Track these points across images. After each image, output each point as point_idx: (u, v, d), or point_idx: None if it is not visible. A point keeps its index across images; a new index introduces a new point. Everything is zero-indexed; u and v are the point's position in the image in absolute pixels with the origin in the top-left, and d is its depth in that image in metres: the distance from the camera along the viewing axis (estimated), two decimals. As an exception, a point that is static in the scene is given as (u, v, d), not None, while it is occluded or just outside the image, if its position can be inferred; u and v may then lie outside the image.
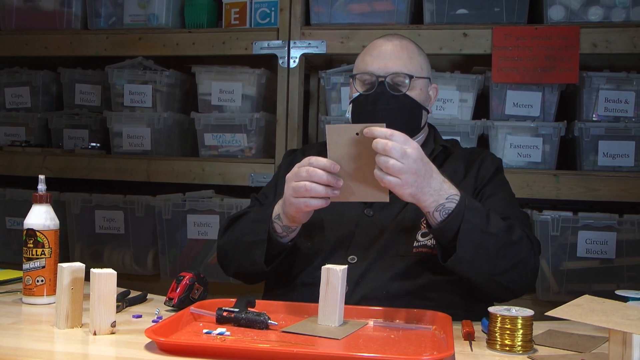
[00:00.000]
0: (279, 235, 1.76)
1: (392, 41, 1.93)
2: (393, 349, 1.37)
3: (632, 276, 2.55)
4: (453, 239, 1.60)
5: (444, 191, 1.59)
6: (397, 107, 1.86)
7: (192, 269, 2.75)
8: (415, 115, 1.90)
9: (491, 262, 1.61)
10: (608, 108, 2.61)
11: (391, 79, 1.87)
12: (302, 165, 1.62)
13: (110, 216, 2.97)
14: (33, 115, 3.16)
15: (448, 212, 1.59)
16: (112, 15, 3.03)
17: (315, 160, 1.60)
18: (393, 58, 1.88)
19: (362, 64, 1.93)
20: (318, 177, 1.59)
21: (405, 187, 1.53)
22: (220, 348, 1.33)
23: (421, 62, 1.93)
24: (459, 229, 1.58)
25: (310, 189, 1.59)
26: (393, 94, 1.86)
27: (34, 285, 1.73)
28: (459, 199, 1.60)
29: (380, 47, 1.92)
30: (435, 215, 1.60)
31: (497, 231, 1.62)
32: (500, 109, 2.69)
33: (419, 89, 1.90)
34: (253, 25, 2.93)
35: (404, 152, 1.50)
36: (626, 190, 2.54)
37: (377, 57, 1.89)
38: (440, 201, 1.58)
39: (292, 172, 1.65)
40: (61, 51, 3.04)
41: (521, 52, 2.60)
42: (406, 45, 1.93)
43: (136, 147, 2.99)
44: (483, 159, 1.94)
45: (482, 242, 1.60)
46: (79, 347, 1.41)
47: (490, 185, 1.87)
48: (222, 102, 2.93)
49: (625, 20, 2.57)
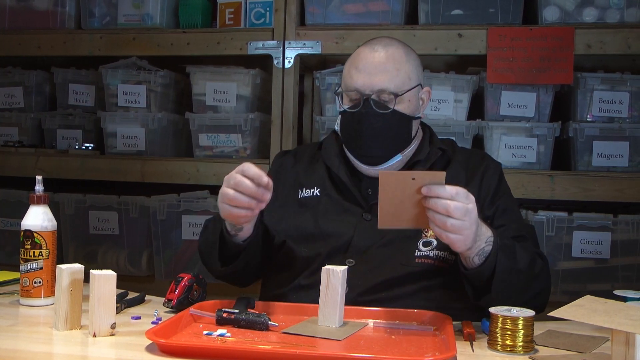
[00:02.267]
0: (230, 234, 1.73)
1: (378, 51, 1.82)
2: (395, 350, 1.37)
3: (626, 276, 2.56)
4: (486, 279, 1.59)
5: (483, 234, 1.56)
6: (383, 125, 1.80)
7: (186, 269, 2.76)
8: (404, 129, 1.84)
9: (517, 296, 1.60)
10: (602, 109, 2.63)
11: (377, 96, 1.79)
12: (236, 171, 1.59)
13: (104, 217, 2.96)
14: (26, 116, 3.14)
15: (486, 255, 1.57)
16: (106, 15, 3.01)
17: (247, 168, 1.57)
18: (379, 72, 1.79)
19: (349, 77, 1.84)
20: (244, 187, 1.56)
21: (466, 242, 1.51)
22: (222, 349, 1.33)
23: (409, 71, 1.83)
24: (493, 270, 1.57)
25: (234, 199, 1.57)
26: (379, 112, 1.79)
27: (31, 287, 1.72)
28: (493, 239, 1.58)
29: (366, 58, 1.82)
30: (475, 260, 1.57)
31: (524, 267, 1.63)
32: (495, 109, 2.70)
33: (407, 101, 1.82)
34: (248, 25, 2.92)
35: (466, 210, 1.46)
36: (620, 191, 2.55)
37: (362, 72, 1.80)
38: (481, 245, 1.56)
39: (227, 176, 1.61)
40: (55, 51, 3.03)
41: (516, 52, 2.61)
42: (392, 54, 1.82)
43: (130, 148, 2.98)
44: (486, 167, 1.90)
45: (511, 280, 1.60)
46: (79, 349, 1.40)
47: (501, 196, 1.86)
48: (216, 102, 2.92)
49: (619, 21, 2.59)
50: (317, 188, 1.91)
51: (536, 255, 1.73)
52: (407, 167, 1.88)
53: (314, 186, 1.91)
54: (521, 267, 1.62)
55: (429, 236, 1.76)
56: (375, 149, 1.82)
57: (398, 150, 1.84)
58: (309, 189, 1.91)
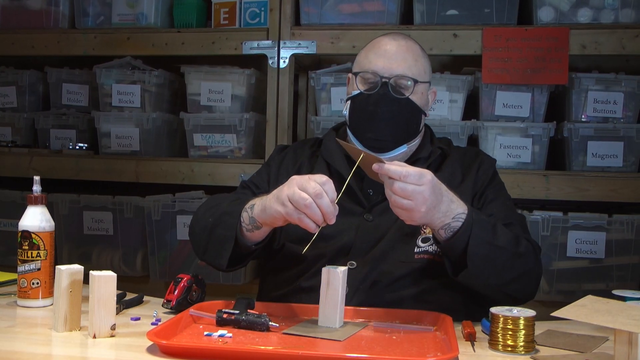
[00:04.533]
0: (245, 226, 1.69)
1: (398, 41, 1.88)
2: (397, 351, 1.37)
3: (621, 276, 2.57)
4: (461, 253, 1.61)
5: (451, 212, 1.59)
6: (398, 111, 1.83)
7: (181, 270, 2.76)
8: (415, 120, 1.88)
9: (499, 274, 1.63)
10: (597, 109, 2.63)
11: (395, 81, 1.83)
12: (315, 180, 1.53)
13: (98, 217, 2.95)
14: (19, 115, 3.12)
15: (454, 230, 1.60)
16: (100, 14, 3.00)
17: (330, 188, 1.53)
18: (398, 59, 1.84)
19: (366, 61, 1.87)
20: (322, 202, 1.51)
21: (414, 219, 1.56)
22: (224, 351, 1.33)
23: (424, 65, 1.90)
24: (467, 244, 1.59)
25: (310, 207, 1.50)
26: (396, 97, 1.83)
27: (29, 288, 1.71)
28: (466, 216, 1.60)
29: (386, 45, 1.87)
30: (441, 233, 1.61)
31: (505, 244, 1.64)
32: (490, 109, 2.70)
33: (420, 93, 1.87)
34: (243, 25, 2.91)
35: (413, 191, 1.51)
36: (615, 191, 2.56)
37: (382, 56, 1.84)
38: (446, 221, 1.59)
39: (302, 179, 1.54)
40: (48, 50, 3.01)
41: (511, 53, 2.62)
42: (411, 47, 1.88)
43: (125, 148, 2.97)
44: (480, 162, 1.93)
45: (490, 255, 1.61)
46: (79, 351, 1.40)
47: (490, 189, 1.88)
48: (211, 102, 2.91)
49: (614, 21, 2.59)
50: None
51: (521, 237, 1.72)
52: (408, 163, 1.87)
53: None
54: (501, 244, 1.63)
55: (427, 232, 1.77)
56: (385, 134, 1.84)
57: (406, 140, 1.87)
58: None
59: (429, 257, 1.76)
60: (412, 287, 1.74)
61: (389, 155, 1.85)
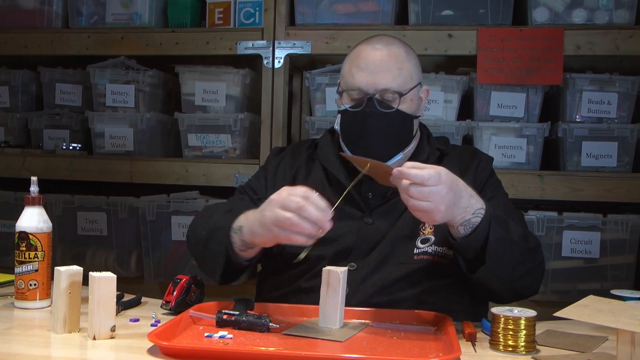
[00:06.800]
0: (237, 247, 1.66)
1: (380, 49, 1.81)
2: (398, 351, 1.37)
3: (615, 275, 2.58)
4: (478, 250, 1.59)
5: (471, 207, 1.56)
6: (388, 124, 1.79)
7: (176, 270, 2.75)
8: (407, 128, 1.84)
9: (513, 269, 1.62)
10: (591, 109, 2.64)
11: (380, 95, 1.78)
12: (294, 194, 1.50)
13: (92, 218, 2.94)
14: (12, 115, 3.11)
15: (473, 226, 1.56)
16: (94, 14, 2.98)
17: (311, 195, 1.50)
18: (381, 71, 1.78)
19: (350, 76, 1.82)
20: (308, 213, 1.47)
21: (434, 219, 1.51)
22: (226, 352, 1.32)
23: (411, 70, 1.83)
24: (485, 240, 1.57)
25: (297, 224, 1.47)
26: (383, 112, 1.78)
27: (26, 289, 1.70)
28: (485, 211, 1.58)
29: (367, 57, 1.80)
30: (460, 230, 1.57)
31: (517, 239, 1.63)
32: (485, 109, 2.71)
33: (409, 100, 1.82)
34: (237, 25, 2.91)
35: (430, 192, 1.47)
36: (609, 191, 2.57)
37: (364, 70, 1.78)
38: (466, 217, 1.56)
39: (280, 197, 1.51)
40: (41, 50, 2.99)
41: (506, 53, 2.62)
42: (394, 53, 1.81)
43: (118, 148, 2.96)
44: (478, 160, 1.93)
45: (506, 250, 1.60)
46: (79, 353, 1.39)
47: (489, 186, 1.88)
48: (205, 102, 2.91)
49: (608, 22, 2.60)
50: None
51: (530, 233, 1.74)
52: None
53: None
54: (515, 239, 1.62)
55: (426, 233, 1.77)
56: (378, 149, 1.80)
57: (400, 148, 1.85)
58: None
59: (428, 258, 1.75)
60: (412, 288, 1.74)
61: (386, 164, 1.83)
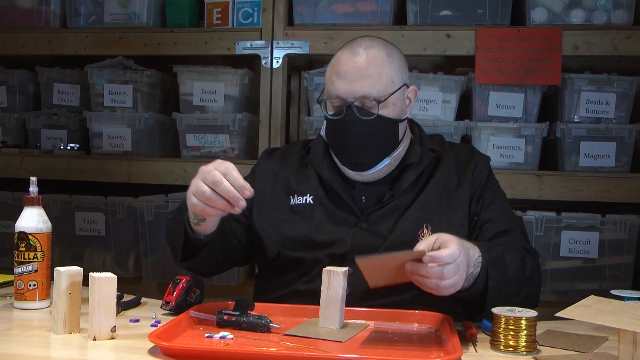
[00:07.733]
0: (192, 220, 1.66)
1: (359, 54, 1.77)
2: (400, 351, 1.37)
3: (614, 275, 2.59)
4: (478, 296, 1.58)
5: (471, 258, 1.54)
6: (368, 132, 1.76)
7: (174, 271, 2.73)
8: (391, 132, 1.81)
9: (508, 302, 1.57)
10: (589, 109, 2.65)
11: (360, 103, 1.75)
12: (216, 168, 1.50)
13: (90, 218, 2.93)
14: (10, 115, 3.10)
15: (475, 277, 1.56)
16: (92, 13, 2.98)
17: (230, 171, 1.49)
18: (360, 78, 1.74)
19: (330, 84, 1.80)
20: (223, 189, 1.48)
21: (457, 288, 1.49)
22: (227, 352, 1.32)
23: (392, 74, 1.78)
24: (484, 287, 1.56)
25: (210, 198, 1.50)
26: (364, 119, 1.75)
27: (26, 290, 1.69)
28: (482, 259, 1.56)
29: (347, 64, 1.77)
30: (465, 285, 1.55)
31: (515, 275, 1.62)
32: (483, 110, 2.71)
33: (392, 105, 1.78)
34: (235, 25, 2.90)
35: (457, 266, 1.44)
36: (607, 191, 2.57)
37: (343, 78, 1.75)
38: (469, 270, 1.53)
39: (205, 169, 1.52)
40: (39, 50, 2.98)
41: (504, 53, 2.63)
42: (374, 57, 1.77)
43: (117, 148, 2.95)
44: (475, 162, 1.89)
45: (502, 290, 1.59)
46: (79, 353, 1.39)
47: (487, 190, 1.86)
48: (204, 102, 2.90)
49: (606, 22, 2.61)
50: (310, 196, 1.87)
51: (525, 253, 1.71)
52: (398, 171, 1.86)
53: (306, 193, 1.87)
54: (512, 276, 1.62)
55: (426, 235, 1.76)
56: (361, 156, 1.79)
57: (385, 154, 1.82)
58: (301, 196, 1.88)
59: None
60: (410, 290, 1.72)
61: (372, 172, 1.81)
